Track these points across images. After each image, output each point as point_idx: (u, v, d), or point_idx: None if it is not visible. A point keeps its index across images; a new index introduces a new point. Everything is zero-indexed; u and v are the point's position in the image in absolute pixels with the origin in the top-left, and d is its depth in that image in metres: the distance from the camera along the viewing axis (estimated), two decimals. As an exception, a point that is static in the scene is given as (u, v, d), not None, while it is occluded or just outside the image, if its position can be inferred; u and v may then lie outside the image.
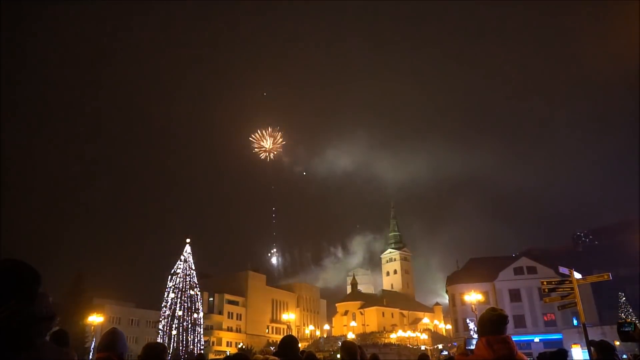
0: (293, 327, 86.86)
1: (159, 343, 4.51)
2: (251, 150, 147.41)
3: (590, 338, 10.68)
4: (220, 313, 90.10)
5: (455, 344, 60.32)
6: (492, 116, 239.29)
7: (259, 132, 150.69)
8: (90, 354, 41.71)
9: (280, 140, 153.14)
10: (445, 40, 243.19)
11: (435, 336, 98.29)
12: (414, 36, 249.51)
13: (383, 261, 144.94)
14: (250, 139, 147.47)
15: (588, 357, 7.43)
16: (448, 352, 44.59)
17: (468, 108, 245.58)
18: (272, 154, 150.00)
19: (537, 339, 56.10)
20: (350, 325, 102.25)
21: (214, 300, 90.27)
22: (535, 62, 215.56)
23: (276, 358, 4.49)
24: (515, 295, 61.98)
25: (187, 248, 48.99)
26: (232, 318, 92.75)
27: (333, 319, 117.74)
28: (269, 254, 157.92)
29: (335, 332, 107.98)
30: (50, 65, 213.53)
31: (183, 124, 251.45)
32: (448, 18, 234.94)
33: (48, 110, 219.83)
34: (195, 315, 47.19)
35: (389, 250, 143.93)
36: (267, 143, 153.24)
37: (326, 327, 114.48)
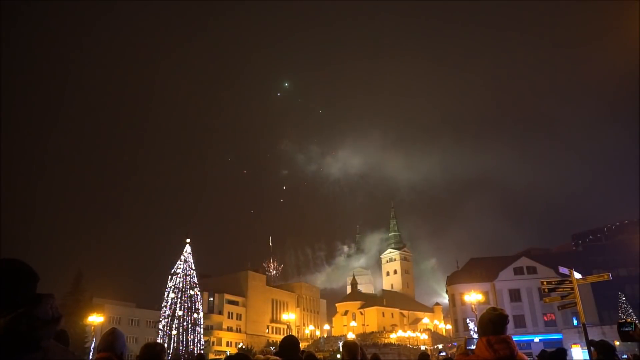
0: (293, 327, 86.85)
1: (157, 343, 4.51)
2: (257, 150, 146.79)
3: (590, 338, 10.67)
4: (220, 313, 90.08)
5: (456, 344, 60.34)
6: (503, 117, 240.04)
7: None
8: (90, 354, 41.70)
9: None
10: (457, 43, 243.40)
11: (435, 336, 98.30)
12: (427, 37, 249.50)
13: (383, 261, 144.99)
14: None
15: (588, 357, 7.43)
16: (446, 353, 44.48)
17: (481, 108, 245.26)
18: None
19: (537, 339, 56.10)
20: (350, 325, 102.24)
21: (214, 300, 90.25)
22: (546, 63, 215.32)
23: (277, 358, 4.49)
24: (515, 295, 61.98)
25: (187, 248, 48.96)
26: (232, 318, 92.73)
27: (333, 319, 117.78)
28: (270, 254, 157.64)
29: (335, 332, 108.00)
30: (51, 65, 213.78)
31: (185, 123, 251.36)
32: (460, 20, 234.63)
33: (48, 110, 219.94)
34: (195, 315, 47.16)
35: (389, 250, 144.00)
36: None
37: (326, 327, 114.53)
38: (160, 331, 46.10)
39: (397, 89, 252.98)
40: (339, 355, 57.25)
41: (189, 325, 46.26)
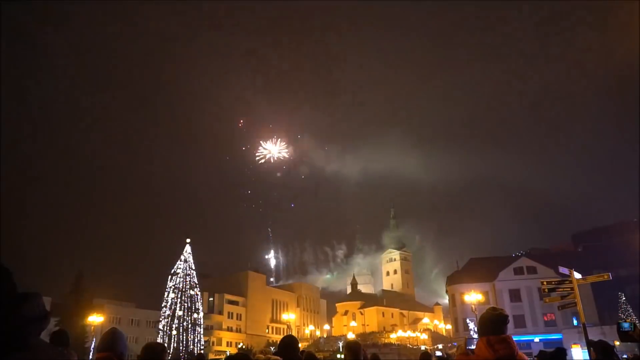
0: (293, 327, 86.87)
1: (158, 343, 4.51)
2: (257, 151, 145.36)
3: (590, 338, 10.68)
4: (220, 313, 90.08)
5: (456, 344, 60.29)
6: (512, 118, 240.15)
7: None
8: (90, 354, 41.71)
9: (285, 145, 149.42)
10: (473, 46, 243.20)
11: (435, 336, 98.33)
12: (444, 40, 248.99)
13: (383, 261, 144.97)
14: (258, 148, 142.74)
15: (588, 357, 7.44)
16: (442, 353, 44.46)
17: (497, 110, 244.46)
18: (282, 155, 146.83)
19: (537, 339, 56.08)
20: (350, 325, 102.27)
21: (214, 300, 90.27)
22: (560, 66, 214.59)
23: (277, 358, 4.49)
24: (515, 295, 61.96)
25: (187, 248, 49.01)
26: (232, 318, 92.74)
27: (333, 319, 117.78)
28: (270, 254, 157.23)
29: (335, 332, 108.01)
30: (49, 64, 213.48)
31: (185, 123, 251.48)
32: (475, 23, 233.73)
33: (47, 109, 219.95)
34: (195, 315, 47.22)
35: (389, 250, 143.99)
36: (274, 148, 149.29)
37: (326, 327, 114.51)
38: (160, 331, 46.15)
39: (415, 91, 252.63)
40: (339, 355, 57.24)
41: (189, 325, 46.31)
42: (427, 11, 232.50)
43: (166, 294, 47.70)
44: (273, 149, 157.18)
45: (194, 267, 49.25)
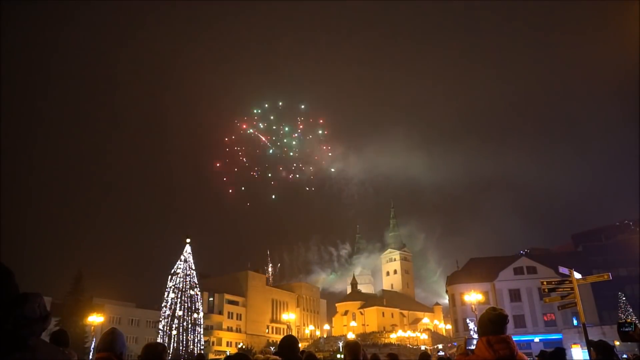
0: (293, 327, 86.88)
1: (158, 343, 4.51)
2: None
3: (590, 338, 10.68)
4: (220, 313, 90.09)
5: (456, 344, 60.32)
6: (514, 118, 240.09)
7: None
8: (90, 354, 41.70)
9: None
10: (477, 46, 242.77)
11: (435, 336, 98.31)
12: (450, 40, 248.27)
13: (383, 261, 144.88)
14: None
15: (588, 357, 7.45)
16: (445, 353, 44.48)
17: (502, 110, 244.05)
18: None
19: (537, 339, 56.12)
20: (350, 325, 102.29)
21: (214, 300, 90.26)
22: (562, 67, 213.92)
23: (277, 358, 4.49)
24: (515, 295, 62.00)
25: (187, 248, 48.90)
26: (232, 318, 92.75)
27: (333, 319, 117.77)
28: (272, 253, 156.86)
29: (335, 332, 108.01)
30: (48, 65, 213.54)
31: (185, 123, 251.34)
32: (479, 23, 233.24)
33: (47, 109, 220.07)
34: (195, 315, 47.14)
35: (389, 250, 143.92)
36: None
37: (326, 327, 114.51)
38: (160, 331, 46.08)
39: (419, 90, 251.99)
40: (339, 355, 57.30)
41: (189, 325, 46.24)
42: (434, 11, 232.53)
43: (166, 294, 47.61)
44: (275, 147, 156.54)
45: (194, 267, 49.16)
